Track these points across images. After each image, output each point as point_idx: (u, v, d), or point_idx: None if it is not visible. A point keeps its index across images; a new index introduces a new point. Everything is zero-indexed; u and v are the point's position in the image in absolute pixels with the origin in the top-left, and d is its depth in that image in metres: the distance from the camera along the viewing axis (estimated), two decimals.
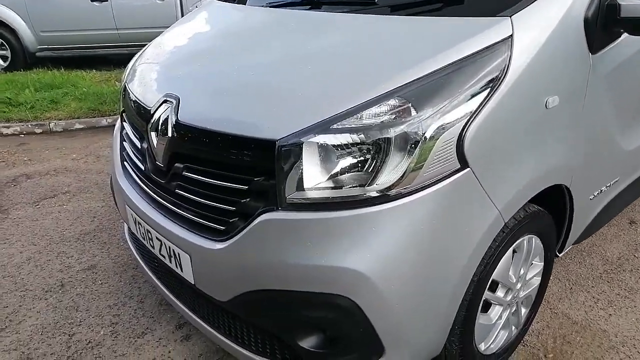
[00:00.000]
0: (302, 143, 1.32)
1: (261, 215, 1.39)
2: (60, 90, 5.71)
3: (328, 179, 1.34)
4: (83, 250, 2.80)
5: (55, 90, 5.68)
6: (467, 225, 1.42)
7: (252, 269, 1.43)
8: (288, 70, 1.57)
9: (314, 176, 1.34)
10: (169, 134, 1.60)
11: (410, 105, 1.30)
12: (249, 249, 1.42)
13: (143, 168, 1.80)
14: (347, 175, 1.33)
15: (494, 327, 1.82)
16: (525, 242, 1.75)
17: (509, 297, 1.81)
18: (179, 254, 1.64)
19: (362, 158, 1.32)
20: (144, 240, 1.86)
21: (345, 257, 1.32)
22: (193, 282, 1.63)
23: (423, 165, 1.31)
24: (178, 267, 1.68)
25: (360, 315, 1.36)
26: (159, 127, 1.65)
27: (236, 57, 1.78)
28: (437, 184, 1.34)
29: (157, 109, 1.68)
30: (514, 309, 1.89)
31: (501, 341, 1.88)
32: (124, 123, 2.05)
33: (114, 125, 2.28)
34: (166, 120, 1.63)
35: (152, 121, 1.69)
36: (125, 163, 2.01)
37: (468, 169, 1.37)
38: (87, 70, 6.95)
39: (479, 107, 1.34)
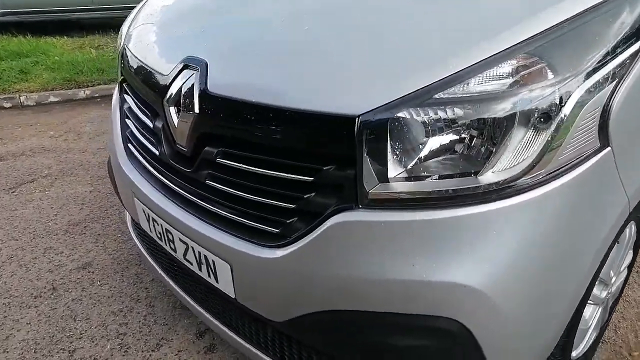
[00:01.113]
0: (393, 120, 0.98)
1: (334, 216, 1.05)
2: (29, 59, 5.15)
3: (427, 167, 1.00)
4: (74, 245, 2.42)
5: (23, 59, 5.12)
6: (597, 218, 1.11)
7: (322, 285, 1.09)
8: (359, 20, 1.19)
9: (408, 163, 1.00)
10: (196, 110, 1.23)
11: (544, 64, 0.96)
12: (317, 258, 1.08)
13: (157, 152, 1.43)
14: (452, 161, 1.00)
15: (589, 329, 1.55)
16: (627, 230, 1.46)
17: (604, 294, 1.53)
18: (213, 262, 1.30)
19: (474, 139, 0.98)
20: (161, 241, 1.50)
21: (454, 269, 0.99)
22: (234, 297, 1.30)
23: (560, 146, 0.97)
24: (212, 277, 1.33)
25: (468, 340, 1.05)
26: (181, 101, 1.27)
27: (279, 4, 1.39)
28: (573, 169, 1.01)
29: (175, 78, 1.30)
30: (604, 305, 1.62)
31: (589, 343, 1.61)
32: (125, 95, 1.65)
33: (94, 98, 1.89)
34: (190, 91, 1.25)
35: (169, 93, 1.31)
36: (130, 145, 1.62)
37: (608, 148, 1.05)
38: (58, 37, 6.34)
39: (631, 65, 1.01)
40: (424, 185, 1.00)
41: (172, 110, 1.30)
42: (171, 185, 1.41)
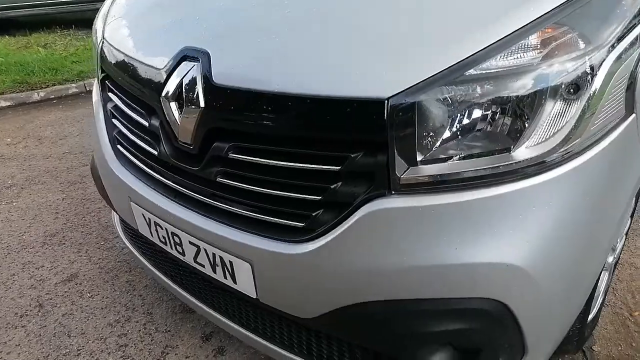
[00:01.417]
0: (423, 100, 0.94)
1: (366, 205, 1.01)
2: None
3: (460, 146, 0.97)
4: (55, 257, 2.28)
5: None
6: (622, 185, 1.12)
7: (356, 277, 1.05)
8: None
9: (441, 144, 0.97)
10: (201, 104, 1.15)
11: (574, 33, 0.94)
12: (350, 249, 1.04)
13: (156, 152, 1.33)
14: (486, 139, 0.97)
15: (600, 295, 1.58)
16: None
17: (611, 259, 1.57)
18: (230, 263, 1.23)
19: (505, 115, 0.96)
20: (166, 245, 1.42)
21: (495, 249, 0.97)
22: (255, 297, 1.24)
23: (592, 115, 0.96)
24: (229, 278, 1.27)
25: (510, 320, 1.04)
26: (183, 96, 1.19)
27: None
28: (603, 139, 1.01)
29: (172, 72, 1.21)
30: (610, 270, 1.66)
31: (597, 307, 1.65)
32: (109, 94, 1.54)
33: (50, 100, 1.79)
34: (192, 85, 1.16)
35: (167, 89, 1.22)
36: (120, 147, 1.52)
37: (633, 115, 1.05)
38: None
39: None
40: (458, 166, 0.98)
41: (173, 106, 1.22)
42: (175, 185, 1.33)
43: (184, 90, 1.18)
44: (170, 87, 1.22)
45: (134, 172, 1.46)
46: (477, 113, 0.96)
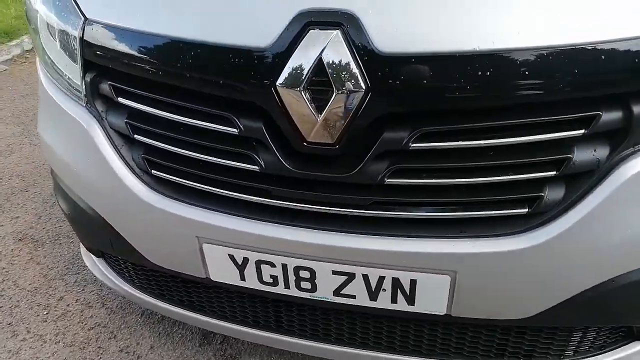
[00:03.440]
0: None
1: (622, 166, 0.85)
2: None
3: None
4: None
5: None
6: None
7: (612, 251, 0.90)
8: None
9: None
10: (362, 84, 0.82)
11: None
12: (604, 224, 0.87)
13: (258, 166, 0.95)
14: None
15: None
16: None
17: None
18: (411, 282, 0.96)
19: None
20: (274, 285, 1.05)
21: None
22: (445, 313, 1.00)
23: None
24: (400, 301, 1.00)
25: None
26: (319, 79, 0.84)
27: None
28: None
29: (290, 49, 0.84)
30: None
31: None
32: (123, 101, 1.03)
33: None
34: (336, 60, 0.83)
35: (286, 73, 0.85)
36: (157, 173, 1.05)
37: None
38: None
39: None
40: None
41: (300, 96, 0.86)
42: (294, 205, 0.97)
43: (324, 71, 0.83)
44: (291, 69, 0.85)
45: (204, 202, 1.03)
46: None
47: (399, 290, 0.98)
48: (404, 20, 0.83)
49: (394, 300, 1.00)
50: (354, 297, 1.02)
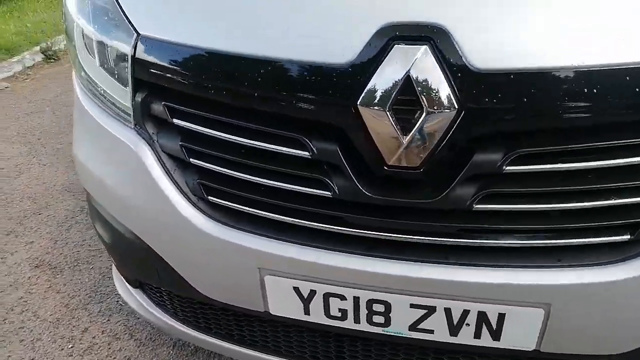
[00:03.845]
0: None
1: None
2: None
3: None
4: None
5: None
6: None
7: None
8: None
9: None
10: (454, 103, 0.76)
11: None
12: None
13: (330, 192, 0.87)
14: None
15: None
16: None
17: None
18: (499, 316, 0.89)
19: None
20: (342, 320, 0.97)
21: None
22: (534, 349, 0.92)
23: None
24: (485, 336, 0.92)
25: None
26: (409, 98, 0.77)
27: None
28: None
29: (374, 65, 0.78)
30: None
31: None
32: (178, 122, 0.95)
33: None
34: (425, 77, 0.76)
35: (368, 91, 0.78)
36: (215, 199, 0.97)
37: None
38: None
39: None
40: None
41: (387, 116, 0.79)
42: (371, 233, 0.90)
43: (411, 89, 0.77)
44: (374, 87, 0.78)
45: (267, 231, 0.95)
46: None
47: (484, 324, 0.91)
48: (499, 34, 0.77)
49: (477, 335, 0.92)
50: (431, 332, 0.94)
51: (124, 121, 1.04)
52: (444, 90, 0.76)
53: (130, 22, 0.97)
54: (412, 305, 0.92)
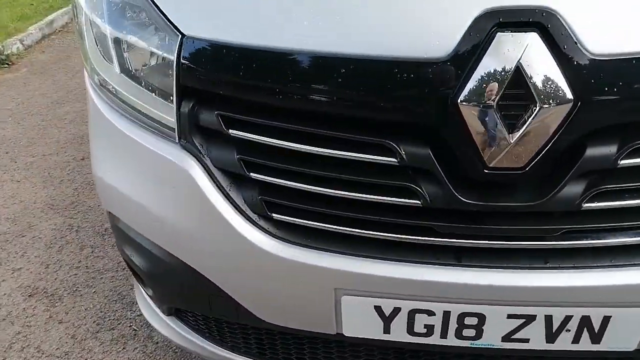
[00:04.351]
0: None
1: None
2: None
3: None
4: None
5: None
6: None
7: None
8: None
9: None
10: (567, 95, 0.68)
11: None
12: None
13: (420, 201, 0.78)
14: None
15: None
16: None
17: None
18: (604, 319, 0.83)
19: None
20: (428, 336, 0.89)
21: None
22: (634, 348, 0.87)
23: None
24: (583, 341, 0.86)
25: None
26: (516, 92, 0.69)
27: None
28: None
29: (475, 57, 0.69)
30: None
31: None
32: (236, 133, 0.83)
33: None
34: (529, 69, 0.68)
35: (470, 87, 0.70)
36: (281, 217, 0.86)
37: None
38: None
39: None
40: None
41: (493, 113, 0.71)
42: (462, 242, 0.82)
43: (521, 82, 0.69)
44: (477, 82, 0.70)
45: (342, 247, 0.86)
46: None
47: (585, 329, 0.85)
48: (616, 15, 0.70)
49: (576, 340, 0.86)
50: (526, 341, 0.88)
51: (162, 134, 0.91)
52: (558, 81, 0.69)
53: (169, 21, 0.84)
54: (510, 316, 0.85)
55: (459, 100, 0.71)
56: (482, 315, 0.85)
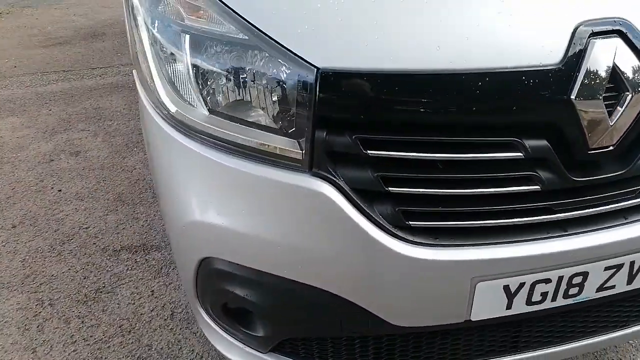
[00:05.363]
0: None
1: None
2: None
3: None
4: None
5: None
6: None
7: None
8: None
9: None
10: None
11: None
12: None
13: (540, 185, 0.94)
14: None
15: None
16: None
17: None
18: None
19: None
20: (542, 302, 1.04)
21: None
22: None
23: None
24: None
25: None
26: (615, 84, 0.89)
27: None
28: None
29: (579, 60, 0.87)
30: None
31: None
32: (382, 153, 0.89)
33: None
34: (621, 66, 0.89)
35: (578, 85, 0.87)
36: (417, 223, 0.94)
37: None
38: None
39: None
40: None
41: (599, 104, 0.89)
42: (567, 215, 0.99)
43: (616, 77, 0.89)
44: (585, 80, 0.89)
45: (475, 239, 0.97)
46: None
47: None
48: None
49: None
50: (613, 287, 1.07)
51: (293, 165, 0.94)
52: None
53: (300, 57, 0.88)
54: (606, 268, 1.03)
55: (572, 97, 0.88)
56: (586, 273, 1.02)
